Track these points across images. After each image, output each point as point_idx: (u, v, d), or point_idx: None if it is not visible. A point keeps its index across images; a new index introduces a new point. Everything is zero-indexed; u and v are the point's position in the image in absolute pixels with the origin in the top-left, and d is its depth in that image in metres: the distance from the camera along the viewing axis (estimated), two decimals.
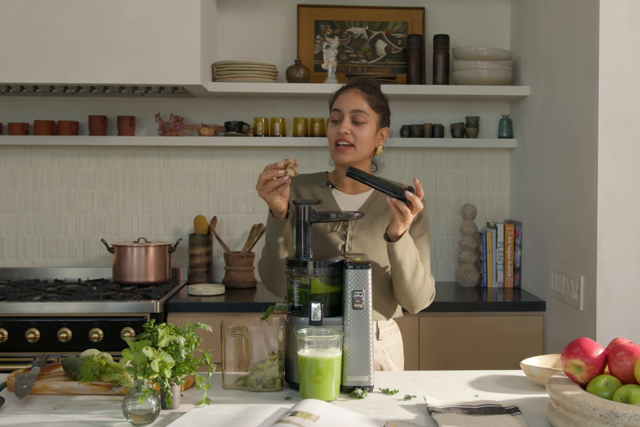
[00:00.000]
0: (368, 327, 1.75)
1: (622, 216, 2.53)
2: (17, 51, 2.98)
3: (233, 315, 2.98)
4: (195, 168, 3.60)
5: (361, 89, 2.18)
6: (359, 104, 2.15)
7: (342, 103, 2.17)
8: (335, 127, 2.16)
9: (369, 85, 2.21)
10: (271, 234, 2.04)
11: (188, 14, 2.99)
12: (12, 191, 3.57)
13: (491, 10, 3.63)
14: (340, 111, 2.16)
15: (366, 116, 2.15)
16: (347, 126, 2.13)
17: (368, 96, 2.17)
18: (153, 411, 1.53)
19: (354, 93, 2.17)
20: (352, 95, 2.17)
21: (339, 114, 2.16)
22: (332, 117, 2.19)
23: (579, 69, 2.72)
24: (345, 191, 2.24)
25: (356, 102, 2.15)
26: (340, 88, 2.24)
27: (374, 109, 2.18)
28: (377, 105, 2.19)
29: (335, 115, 2.17)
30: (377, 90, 2.22)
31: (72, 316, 2.90)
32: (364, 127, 2.15)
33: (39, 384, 1.74)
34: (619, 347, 1.52)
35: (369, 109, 2.16)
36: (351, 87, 2.20)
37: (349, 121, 2.14)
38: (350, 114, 2.14)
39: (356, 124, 2.14)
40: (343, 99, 2.18)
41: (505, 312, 3.07)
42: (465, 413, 1.57)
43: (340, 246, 2.14)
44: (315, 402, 1.57)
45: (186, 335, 1.63)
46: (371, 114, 2.16)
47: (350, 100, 2.16)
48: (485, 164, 3.66)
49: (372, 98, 2.18)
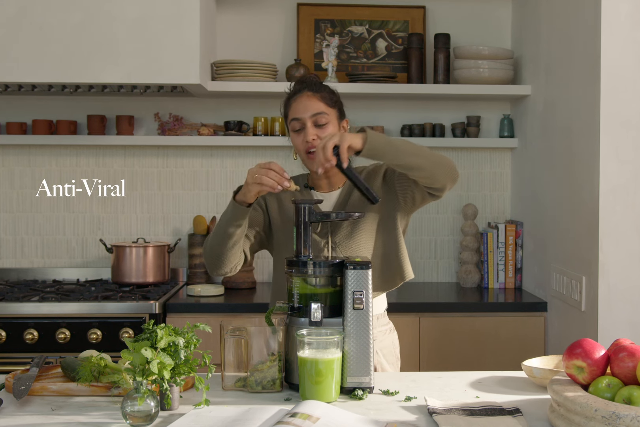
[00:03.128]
0: (368, 328, 1.74)
1: (624, 216, 2.52)
2: (15, 50, 2.96)
3: (232, 316, 2.97)
4: (194, 168, 3.59)
5: (311, 90, 2.14)
6: (315, 107, 2.11)
7: (299, 111, 2.12)
8: (300, 136, 2.12)
9: (315, 84, 2.17)
10: (229, 220, 2.02)
11: (187, 12, 2.98)
12: (10, 191, 3.56)
13: (492, 8, 3.62)
14: (300, 119, 2.11)
15: (326, 116, 2.12)
16: (312, 133, 2.10)
17: (320, 95, 2.13)
18: (152, 412, 1.52)
19: (306, 97, 2.13)
20: (305, 100, 2.12)
21: (299, 123, 2.12)
22: (293, 127, 2.13)
23: (580, 68, 2.71)
24: (322, 191, 2.23)
25: (312, 106, 2.11)
26: (288, 96, 2.18)
27: (330, 106, 2.14)
28: (332, 100, 2.15)
29: (295, 124, 2.12)
30: (324, 86, 2.18)
31: (71, 317, 2.89)
32: (327, 128, 2.12)
33: (37, 385, 1.73)
34: (620, 348, 1.51)
35: (326, 108, 2.13)
36: (300, 92, 2.15)
37: (312, 127, 2.10)
38: (311, 119, 2.10)
39: (319, 127, 2.11)
40: (298, 107, 2.12)
41: (507, 313, 3.06)
42: (466, 414, 1.56)
43: (323, 243, 2.13)
44: (315, 404, 1.57)
45: (185, 336, 1.62)
46: (330, 112, 2.14)
47: (306, 105, 2.11)
48: (487, 164, 3.65)
49: (325, 96, 2.14)
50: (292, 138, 2.16)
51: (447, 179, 2.04)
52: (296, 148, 2.16)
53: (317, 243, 2.13)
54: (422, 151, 1.99)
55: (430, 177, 2.01)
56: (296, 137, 2.13)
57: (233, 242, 2.04)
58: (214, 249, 2.08)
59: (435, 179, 2.02)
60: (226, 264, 2.09)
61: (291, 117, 2.14)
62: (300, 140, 2.12)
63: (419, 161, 1.97)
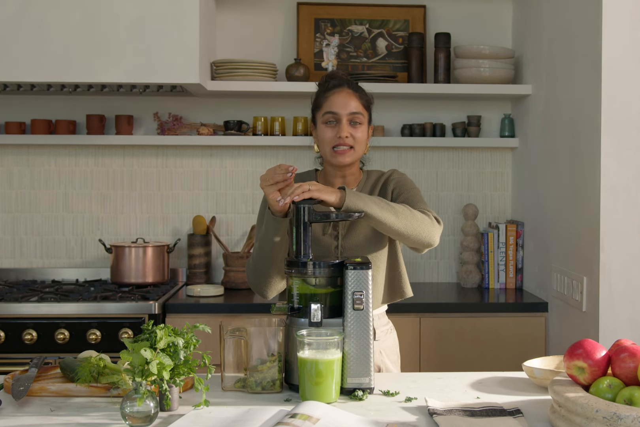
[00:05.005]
0: (368, 329, 1.73)
1: (625, 216, 2.51)
2: (14, 49, 2.96)
3: (232, 316, 2.97)
4: (194, 167, 3.58)
5: (351, 88, 2.14)
6: (354, 106, 2.11)
7: (337, 105, 2.11)
8: (333, 131, 2.10)
9: (354, 84, 2.17)
10: (267, 232, 1.98)
11: (187, 11, 2.97)
12: (9, 191, 3.55)
13: (493, 8, 3.62)
14: (336, 114, 2.11)
15: (361, 117, 2.12)
16: (347, 129, 2.09)
17: (359, 95, 2.14)
18: (151, 413, 1.52)
19: (346, 94, 2.13)
20: (345, 96, 2.12)
21: (334, 117, 2.11)
22: (326, 119, 2.12)
23: (581, 67, 2.71)
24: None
25: (352, 104, 2.11)
26: (326, 88, 2.16)
27: (366, 108, 2.15)
28: (368, 103, 2.16)
29: (329, 117, 2.11)
30: (362, 88, 2.19)
31: (70, 317, 2.89)
32: (361, 128, 2.12)
33: (36, 385, 1.73)
34: (622, 348, 1.51)
35: (363, 109, 2.14)
36: (340, 87, 2.14)
37: (347, 124, 2.10)
38: (348, 116, 2.10)
39: (354, 125, 2.11)
40: (337, 101, 2.11)
41: (507, 313, 3.06)
42: (467, 415, 1.56)
43: (333, 247, 2.13)
44: (315, 404, 1.56)
45: (185, 336, 1.62)
46: (364, 114, 2.14)
47: (346, 101, 2.11)
48: (487, 164, 3.64)
49: (363, 97, 2.15)
50: (321, 130, 2.13)
51: (421, 246, 2.04)
52: (323, 140, 2.13)
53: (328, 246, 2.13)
54: (401, 216, 1.95)
55: (404, 241, 2.01)
56: (328, 130, 2.11)
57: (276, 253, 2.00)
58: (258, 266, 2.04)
59: (410, 243, 2.02)
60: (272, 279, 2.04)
61: (327, 109, 2.12)
62: (332, 134, 2.11)
63: (395, 227, 1.94)
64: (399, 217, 1.94)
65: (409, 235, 1.97)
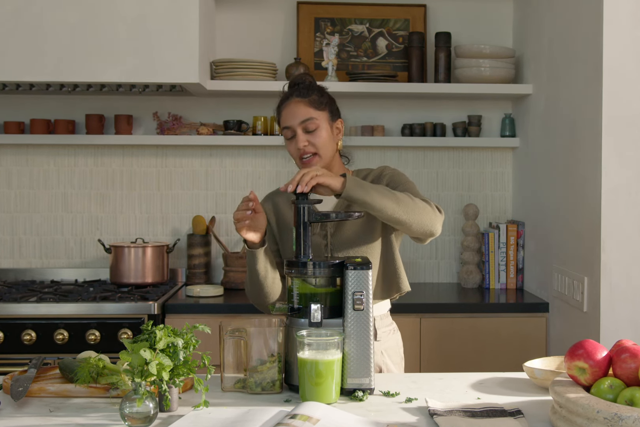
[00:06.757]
0: (369, 329, 1.73)
1: (626, 216, 2.51)
2: (13, 49, 2.95)
3: (232, 316, 2.96)
4: (193, 167, 3.58)
5: (298, 95, 2.13)
6: (303, 113, 2.10)
7: (288, 119, 2.12)
8: (293, 144, 2.12)
9: (304, 87, 2.15)
10: (249, 262, 2.06)
11: (186, 11, 2.97)
12: (8, 191, 3.54)
13: (493, 7, 3.61)
14: (289, 127, 2.11)
15: (315, 121, 2.10)
16: (302, 139, 2.09)
17: (308, 100, 2.12)
18: (151, 413, 1.51)
19: (294, 104, 2.12)
20: (292, 107, 2.11)
21: (290, 131, 2.12)
22: (285, 135, 2.14)
23: (582, 67, 2.70)
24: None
25: (300, 112, 2.10)
26: (279, 104, 2.17)
27: (319, 109, 2.12)
28: (320, 103, 2.13)
29: (287, 133, 2.13)
30: (313, 87, 2.16)
31: (69, 318, 2.88)
32: (319, 132, 2.11)
33: (35, 386, 1.72)
34: (623, 349, 1.51)
35: (315, 112, 2.11)
36: (288, 99, 2.14)
37: (302, 133, 2.10)
38: (300, 126, 2.10)
39: (309, 132, 2.10)
40: (287, 115, 2.12)
41: (508, 314, 3.05)
42: (467, 416, 1.56)
43: (322, 246, 2.12)
44: (315, 405, 1.56)
45: (184, 337, 1.62)
46: (318, 115, 2.12)
47: (294, 112, 2.11)
48: (488, 164, 3.63)
49: (312, 99, 2.12)
50: (286, 146, 2.17)
51: (423, 235, 2.04)
52: (292, 155, 2.17)
53: (318, 245, 2.13)
54: (402, 204, 1.94)
55: (407, 230, 2.01)
56: (289, 144, 2.15)
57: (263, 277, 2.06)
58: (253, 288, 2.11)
59: (412, 232, 2.01)
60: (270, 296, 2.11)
61: (283, 125, 2.14)
62: (293, 147, 2.13)
63: (396, 215, 1.93)
64: (400, 205, 1.93)
65: (411, 223, 1.96)
